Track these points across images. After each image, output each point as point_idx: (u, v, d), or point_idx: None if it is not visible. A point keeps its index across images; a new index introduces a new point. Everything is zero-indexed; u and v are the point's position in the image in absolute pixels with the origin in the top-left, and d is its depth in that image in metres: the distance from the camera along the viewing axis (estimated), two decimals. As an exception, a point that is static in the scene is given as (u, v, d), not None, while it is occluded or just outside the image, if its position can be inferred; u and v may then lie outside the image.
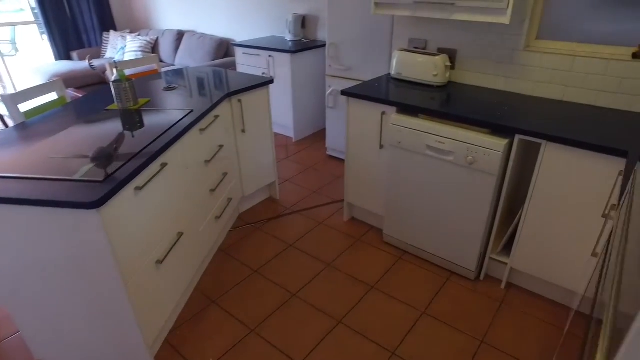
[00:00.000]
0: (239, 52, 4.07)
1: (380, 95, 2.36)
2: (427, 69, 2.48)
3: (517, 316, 2.10)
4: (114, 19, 5.94)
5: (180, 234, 1.97)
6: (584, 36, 2.17)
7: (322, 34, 4.08)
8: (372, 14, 2.89)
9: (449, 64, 2.46)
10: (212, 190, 2.36)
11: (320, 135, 4.29)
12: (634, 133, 1.82)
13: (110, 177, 1.48)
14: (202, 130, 2.19)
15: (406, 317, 2.10)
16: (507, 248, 2.24)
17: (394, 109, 2.28)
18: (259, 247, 2.61)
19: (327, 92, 3.47)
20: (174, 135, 1.84)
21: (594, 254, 1.54)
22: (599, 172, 1.74)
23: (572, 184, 1.83)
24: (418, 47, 2.69)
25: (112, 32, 5.70)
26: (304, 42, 4.01)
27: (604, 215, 1.78)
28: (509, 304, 2.17)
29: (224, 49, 4.80)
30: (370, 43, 3.06)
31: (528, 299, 2.20)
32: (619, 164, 1.68)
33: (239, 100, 2.56)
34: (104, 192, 1.39)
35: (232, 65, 4.47)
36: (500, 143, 1.92)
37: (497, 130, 1.97)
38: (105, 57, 5.64)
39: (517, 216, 2.11)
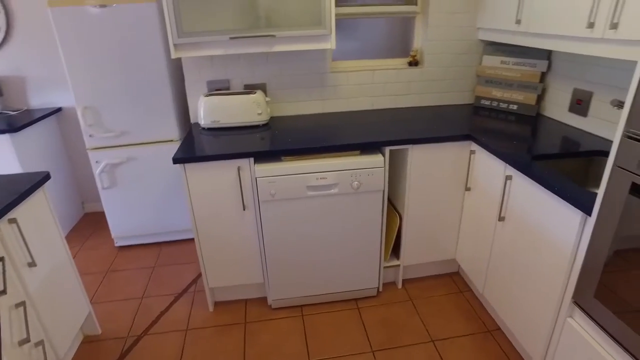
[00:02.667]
0: None
1: (217, 149, 1.96)
2: (249, 108, 2.25)
3: (430, 303, 2.27)
4: None
5: None
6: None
7: (39, 99, 2.99)
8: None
9: (268, 98, 2.31)
10: (50, 380, 1.36)
11: (86, 224, 3.20)
12: (453, 121, 2.28)
13: None
14: None
15: (366, 368, 1.90)
16: (394, 251, 2.38)
17: (249, 160, 1.96)
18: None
19: (98, 171, 2.61)
20: None
21: (500, 219, 1.85)
22: (453, 156, 2.08)
23: (437, 172, 2.11)
24: (221, 89, 2.39)
25: None
26: (12, 114, 2.84)
27: (467, 189, 2.16)
28: (416, 297, 2.32)
29: None
30: (145, 96, 2.49)
31: (423, 285, 2.41)
32: (468, 145, 2.06)
33: (12, 221, 1.56)
34: None
35: None
36: (379, 159, 1.98)
37: (365, 148, 2.02)
38: None
39: (397, 218, 2.25)
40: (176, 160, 1.89)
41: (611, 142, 1.88)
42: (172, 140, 2.63)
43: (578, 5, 1.62)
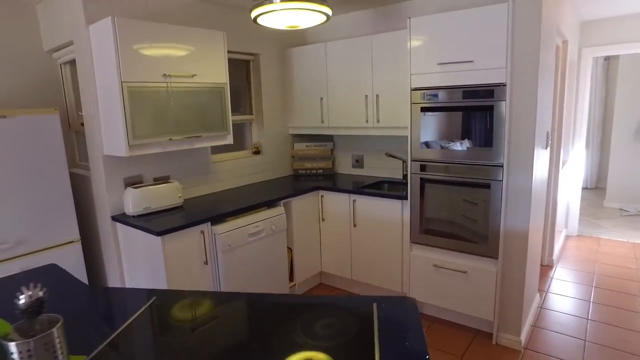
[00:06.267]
0: None
1: (169, 225, 2.47)
2: (173, 193, 2.79)
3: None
4: None
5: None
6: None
7: None
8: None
9: (181, 185, 2.91)
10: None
11: None
12: (294, 184, 3.56)
13: None
14: None
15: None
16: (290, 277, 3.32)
17: (208, 224, 2.58)
18: None
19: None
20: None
21: (355, 225, 3.20)
22: (311, 202, 3.36)
23: (305, 214, 3.32)
24: (135, 183, 2.77)
25: None
26: None
27: (322, 219, 3.44)
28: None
29: None
30: (43, 201, 2.51)
31: (327, 293, 3.44)
32: (317, 193, 3.39)
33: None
34: None
35: None
36: (281, 209, 3.03)
37: (269, 204, 3.01)
38: None
39: (290, 252, 3.26)
40: (159, 232, 2.31)
41: (381, 177, 3.68)
42: (72, 242, 2.66)
43: (359, 112, 3.36)
